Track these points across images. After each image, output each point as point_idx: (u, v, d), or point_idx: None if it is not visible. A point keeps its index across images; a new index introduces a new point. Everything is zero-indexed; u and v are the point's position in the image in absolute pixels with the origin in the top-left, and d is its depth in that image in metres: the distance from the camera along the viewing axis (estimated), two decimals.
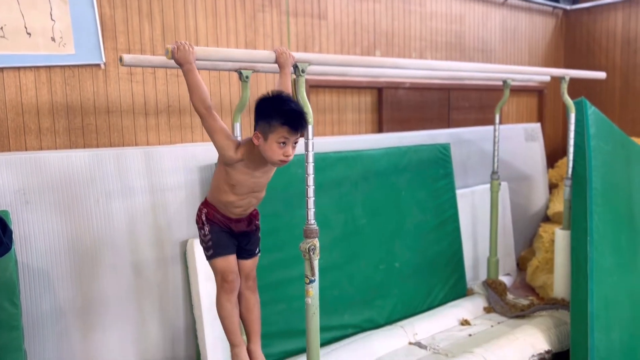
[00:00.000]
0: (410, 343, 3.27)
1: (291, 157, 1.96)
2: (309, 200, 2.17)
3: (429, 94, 4.61)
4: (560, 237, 3.56)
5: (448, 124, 4.78)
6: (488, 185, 4.46)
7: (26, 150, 2.73)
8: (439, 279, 3.82)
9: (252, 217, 2.17)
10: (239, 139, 2.57)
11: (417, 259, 3.72)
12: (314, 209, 2.18)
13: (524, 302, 3.80)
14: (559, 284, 3.59)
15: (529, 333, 3.24)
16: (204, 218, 2.10)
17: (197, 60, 1.94)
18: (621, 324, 3.25)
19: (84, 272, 2.72)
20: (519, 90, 5.55)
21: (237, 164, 1.97)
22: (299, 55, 2.14)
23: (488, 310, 3.75)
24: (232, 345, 2.15)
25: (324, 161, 3.32)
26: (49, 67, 2.76)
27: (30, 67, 2.71)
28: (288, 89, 2.12)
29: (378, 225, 3.53)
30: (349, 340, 3.21)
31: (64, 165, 2.68)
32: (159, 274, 2.97)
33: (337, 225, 3.36)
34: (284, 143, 1.90)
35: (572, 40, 6.14)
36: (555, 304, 3.54)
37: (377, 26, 4.24)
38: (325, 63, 2.33)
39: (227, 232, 2.10)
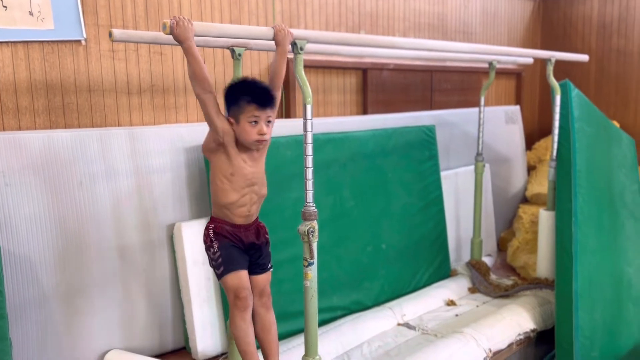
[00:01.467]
0: (398, 324, 3.28)
1: (267, 136, 1.96)
2: (307, 181, 2.12)
3: (413, 75, 4.59)
4: (545, 217, 3.62)
5: (431, 106, 4.78)
6: (470, 167, 4.50)
7: (4, 130, 2.60)
8: (424, 260, 3.83)
9: (259, 228, 2.11)
10: None
11: (403, 240, 3.72)
12: (312, 191, 2.14)
13: (508, 282, 3.85)
14: (542, 264, 3.65)
15: (515, 312, 3.29)
16: (211, 235, 2.02)
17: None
18: (604, 304, 3.33)
19: (68, 257, 2.63)
20: (499, 73, 5.57)
21: (230, 145, 1.92)
22: (297, 32, 2.07)
23: (472, 290, 3.79)
24: None
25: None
26: (27, 42, 2.62)
27: (6, 43, 2.56)
28: (283, 69, 2.07)
29: (365, 208, 3.52)
30: (338, 322, 3.20)
31: (45, 146, 2.57)
32: (146, 258, 2.89)
33: (326, 208, 3.32)
34: (255, 122, 1.91)
35: (549, 24, 6.19)
36: (538, 283, 3.60)
37: (362, 7, 4.17)
38: (324, 41, 2.27)
39: (237, 247, 2.03)
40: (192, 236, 2.90)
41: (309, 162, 2.12)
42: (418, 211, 3.83)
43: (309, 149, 2.11)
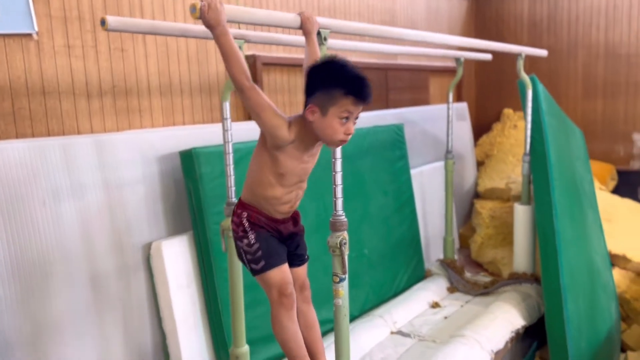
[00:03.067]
0: (392, 332, 3.13)
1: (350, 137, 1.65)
2: (336, 188, 1.89)
3: (370, 74, 4.45)
4: (520, 212, 3.63)
5: (387, 105, 4.69)
6: (433, 165, 4.47)
7: None
8: (402, 262, 3.72)
9: (295, 216, 1.83)
10: (229, 120, 2.22)
11: (382, 244, 3.58)
12: (342, 198, 1.92)
13: (485, 279, 3.83)
14: (520, 258, 3.66)
15: (504, 310, 3.25)
16: (246, 223, 1.70)
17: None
18: (583, 293, 3.39)
19: (32, 291, 2.20)
20: (439, 71, 5.62)
21: (288, 146, 1.63)
22: (320, 20, 1.84)
23: (451, 290, 3.73)
24: None
25: None
26: None
27: None
28: (318, 57, 1.82)
29: (347, 212, 3.29)
30: (331, 336, 2.98)
31: None
32: (120, 285, 2.51)
33: (311, 214, 3.09)
34: (346, 118, 1.57)
35: (482, 22, 6.36)
36: (518, 278, 3.60)
37: (321, 2, 3.99)
38: (347, 31, 2.05)
39: (275, 236, 1.74)
40: (174, 256, 2.57)
41: (338, 166, 1.90)
42: (393, 212, 3.71)
43: (338, 151, 1.88)
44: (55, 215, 2.27)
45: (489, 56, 4.20)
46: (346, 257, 1.90)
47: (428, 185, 4.34)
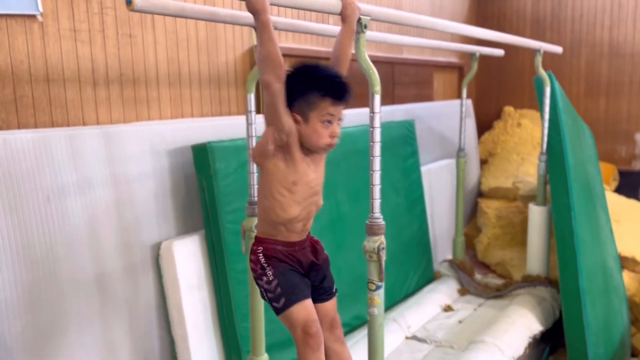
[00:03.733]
0: (407, 337, 3.01)
1: (338, 139, 1.60)
2: (374, 188, 1.76)
3: (377, 68, 4.32)
4: (536, 213, 3.53)
5: (393, 100, 4.56)
6: (440, 163, 4.36)
7: None
8: (412, 263, 3.60)
9: (314, 244, 1.71)
10: (253, 113, 2.07)
11: (394, 244, 3.45)
12: (379, 199, 1.78)
13: (496, 281, 3.74)
14: (533, 261, 3.57)
15: (521, 314, 3.16)
16: (262, 259, 1.59)
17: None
18: (600, 297, 3.31)
19: (35, 293, 2.03)
20: (443, 67, 5.51)
21: (295, 145, 1.53)
22: (362, 7, 1.70)
23: (462, 292, 3.63)
24: None
25: None
26: None
27: None
28: (350, 50, 1.69)
29: (359, 211, 3.19)
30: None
31: (0, 152, 1.95)
32: (127, 286, 2.35)
33: (323, 212, 2.92)
34: (329, 121, 1.53)
35: (484, 18, 6.25)
36: (532, 281, 3.51)
37: None
38: (388, 19, 1.91)
39: (295, 270, 1.61)
40: (185, 256, 2.41)
41: (376, 164, 1.76)
42: (405, 211, 3.59)
43: (377, 149, 1.75)
44: (61, 212, 2.10)
45: (501, 52, 4.10)
46: (384, 263, 1.77)
47: (435, 183, 4.23)
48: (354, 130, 3.21)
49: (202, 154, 2.43)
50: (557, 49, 3.77)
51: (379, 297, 1.80)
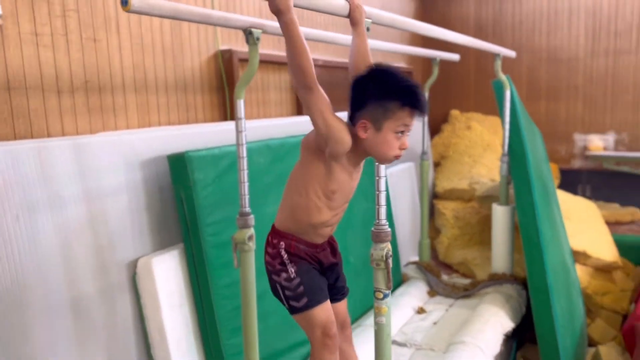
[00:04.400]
0: None
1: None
2: (379, 194, 1.72)
3: (337, 73, 4.32)
4: (500, 212, 3.62)
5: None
6: (401, 167, 4.40)
7: None
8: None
9: (332, 242, 1.64)
10: (243, 120, 1.98)
11: (365, 250, 3.42)
12: (385, 205, 1.74)
13: (462, 281, 3.80)
14: (499, 260, 3.66)
15: (493, 312, 3.22)
16: (284, 255, 1.50)
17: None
18: (564, 291, 3.43)
19: (4, 321, 1.84)
20: None
21: (344, 157, 1.44)
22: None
23: (432, 294, 3.66)
24: None
25: (282, 148, 2.82)
26: None
27: None
28: (369, 53, 1.64)
29: None
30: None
31: None
32: (103, 310, 2.18)
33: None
34: (402, 132, 1.42)
35: (429, 23, 6.39)
36: (499, 279, 3.59)
37: None
38: (388, 23, 1.88)
39: (316, 269, 1.54)
40: (165, 272, 2.28)
41: (382, 171, 1.72)
42: (374, 216, 3.56)
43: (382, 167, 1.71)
44: (31, 232, 1.92)
45: (457, 56, 4.20)
46: (391, 270, 1.73)
47: (396, 187, 4.26)
48: None
49: (179, 164, 2.30)
50: (512, 54, 3.91)
51: (387, 305, 1.76)
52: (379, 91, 1.39)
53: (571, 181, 5.89)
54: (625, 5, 5.60)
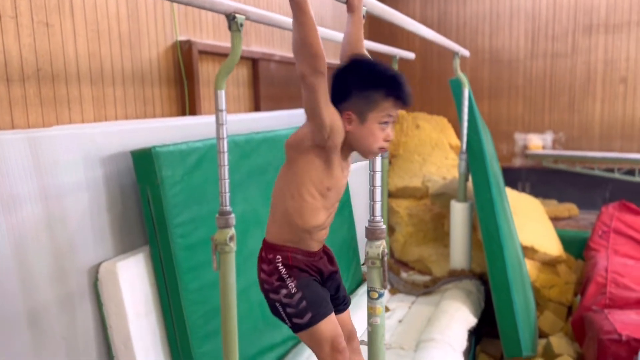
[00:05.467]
0: None
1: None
2: (375, 189, 1.65)
3: (293, 70, 4.22)
4: (458, 209, 3.66)
5: None
6: (357, 165, 4.37)
7: None
8: (345, 266, 3.54)
9: (327, 251, 1.56)
10: (224, 112, 1.85)
11: (331, 248, 3.36)
12: (380, 202, 1.67)
13: (422, 278, 3.82)
14: (457, 256, 3.70)
15: (456, 308, 3.25)
16: (282, 269, 1.39)
17: None
18: (520, 285, 3.52)
19: None
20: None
21: (337, 148, 1.36)
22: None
23: (393, 291, 3.65)
24: None
25: (248, 144, 2.70)
26: None
27: None
28: (363, 41, 1.56)
29: None
30: (297, 355, 2.71)
31: None
32: (63, 320, 1.98)
33: (265, 222, 2.77)
34: (386, 122, 1.37)
35: (377, 24, 6.44)
36: (458, 275, 3.63)
37: None
38: (381, 14, 1.80)
39: (317, 280, 1.45)
40: (130, 278, 2.11)
41: (378, 165, 1.65)
42: (336, 215, 3.51)
43: (378, 161, 1.64)
44: None
45: (412, 55, 4.22)
46: (387, 269, 1.67)
47: (353, 185, 4.22)
48: (288, 132, 3.06)
49: (145, 160, 2.13)
50: (466, 53, 3.97)
51: (382, 305, 1.69)
52: (362, 82, 1.34)
53: (512, 179, 6.10)
54: (562, 10, 5.87)
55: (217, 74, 1.81)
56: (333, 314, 1.45)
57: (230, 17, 1.71)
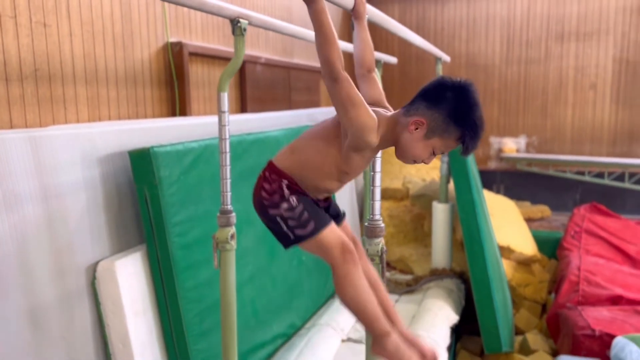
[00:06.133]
0: (343, 340, 3.01)
1: None
2: (374, 189, 1.73)
3: (278, 72, 4.28)
4: (440, 210, 3.77)
5: (290, 105, 4.54)
6: None
7: None
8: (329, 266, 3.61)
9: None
10: (227, 113, 1.90)
11: None
12: (379, 201, 1.75)
13: (404, 277, 3.91)
14: (439, 255, 3.81)
15: (439, 306, 3.34)
16: (286, 190, 1.43)
17: None
18: (499, 284, 3.64)
19: None
20: (317, 72, 5.62)
21: (365, 149, 1.41)
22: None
23: None
24: (382, 335, 1.44)
25: (240, 145, 2.74)
26: None
27: None
28: (372, 47, 1.63)
29: None
30: (289, 354, 2.76)
31: None
32: (63, 319, 2.00)
33: (258, 220, 2.82)
34: (434, 153, 1.41)
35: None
36: (440, 274, 3.74)
37: None
38: (379, 22, 1.87)
39: (314, 201, 1.49)
40: (128, 276, 2.13)
41: (377, 166, 1.73)
42: None
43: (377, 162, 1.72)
44: None
45: (395, 60, 4.31)
46: (385, 266, 1.74)
47: None
48: (277, 134, 3.12)
49: (143, 160, 2.16)
50: (447, 58, 4.08)
51: None
52: (455, 110, 1.34)
53: (487, 181, 6.27)
54: (535, 18, 6.07)
55: (220, 76, 1.85)
56: (333, 224, 1.46)
57: (235, 22, 1.76)
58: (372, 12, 1.75)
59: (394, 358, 1.45)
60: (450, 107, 1.33)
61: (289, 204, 1.42)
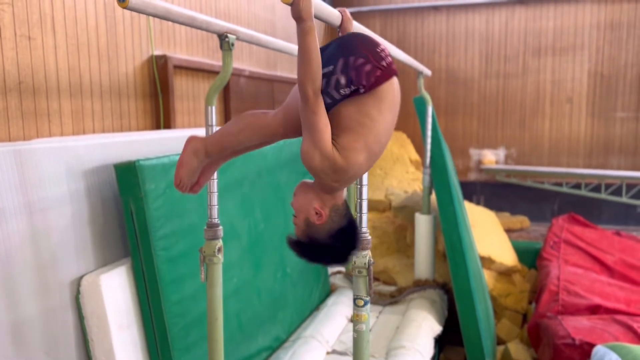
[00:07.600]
0: (328, 352, 3.01)
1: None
2: (362, 202, 1.75)
3: (261, 85, 4.31)
4: (422, 221, 3.81)
5: None
6: None
7: None
8: (314, 278, 3.62)
9: None
10: (214, 129, 1.92)
11: (300, 260, 3.44)
12: (366, 214, 1.78)
13: (387, 288, 3.93)
14: (422, 266, 3.84)
15: (423, 317, 3.37)
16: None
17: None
18: (481, 294, 3.69)
19: None
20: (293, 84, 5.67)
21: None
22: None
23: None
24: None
25: None
26: None
27: None
28: None
29: (272, 229, 3.13)
30: None
31: None
32: (47, 333, 1.98)
33: (243, 233, 2.83)
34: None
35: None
36: (423, 285, 3.77)
37: (217, 6, 3.73)
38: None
39: None
40: (113, 291, 2.12)
41: (364, 179, 1.76)
42: None
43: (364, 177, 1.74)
44: None
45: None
46: (372, 278, 1.76)
47: None
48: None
49: (129, 174, 2.16)
50: (429, 72, 4.15)
51: (367, 312, 1.79)
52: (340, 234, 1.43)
53: (467, 192, 6.34)
54: (513, 33, 6.20)
55: (208, 90, 1.87)
56: None
57: (223, 37, 1.78)
58: (354, 26, 1.79)
59: None
60: (331, 235, 1.42)
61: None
